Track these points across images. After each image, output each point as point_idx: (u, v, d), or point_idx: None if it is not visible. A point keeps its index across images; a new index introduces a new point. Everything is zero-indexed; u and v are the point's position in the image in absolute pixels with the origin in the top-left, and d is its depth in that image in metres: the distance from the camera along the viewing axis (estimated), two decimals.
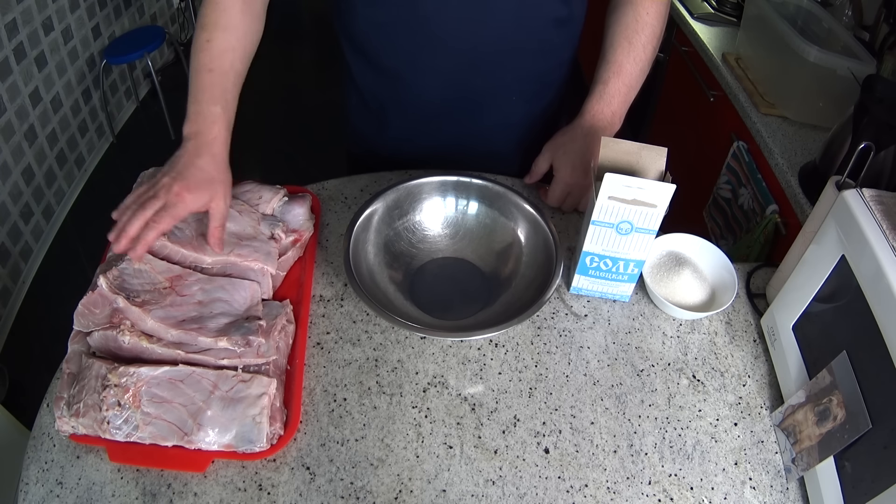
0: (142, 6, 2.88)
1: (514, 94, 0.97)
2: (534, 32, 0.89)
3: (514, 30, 0.88)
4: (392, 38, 0.89)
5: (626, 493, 0.64)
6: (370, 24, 0.89)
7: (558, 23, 0.90)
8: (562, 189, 0.90)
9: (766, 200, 1.27)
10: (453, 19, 0.85)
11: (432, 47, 0.89)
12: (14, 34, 2.02)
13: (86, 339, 0.68)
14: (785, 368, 0.72)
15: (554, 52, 0.95)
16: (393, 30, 0.88)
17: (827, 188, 0.73)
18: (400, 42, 0.89)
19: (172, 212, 0.70)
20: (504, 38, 0.88)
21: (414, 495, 0.63)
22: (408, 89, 0.95)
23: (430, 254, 0.84)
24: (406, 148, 1.04)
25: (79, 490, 0.62)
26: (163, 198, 0.70)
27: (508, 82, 0.95)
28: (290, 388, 0.69)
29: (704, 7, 1.73)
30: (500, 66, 0.92)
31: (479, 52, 0.89)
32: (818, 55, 1.21)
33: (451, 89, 0.94)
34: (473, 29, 0.86)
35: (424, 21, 0.85)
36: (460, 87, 0.94)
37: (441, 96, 0.95)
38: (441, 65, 0.91)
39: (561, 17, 0.90)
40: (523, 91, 0.97)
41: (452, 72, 0.92)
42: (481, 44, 0.88)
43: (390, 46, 0.91)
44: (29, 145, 2.14)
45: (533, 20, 0.88)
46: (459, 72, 0.92)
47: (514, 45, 0.90)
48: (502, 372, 0.73)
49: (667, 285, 0.81)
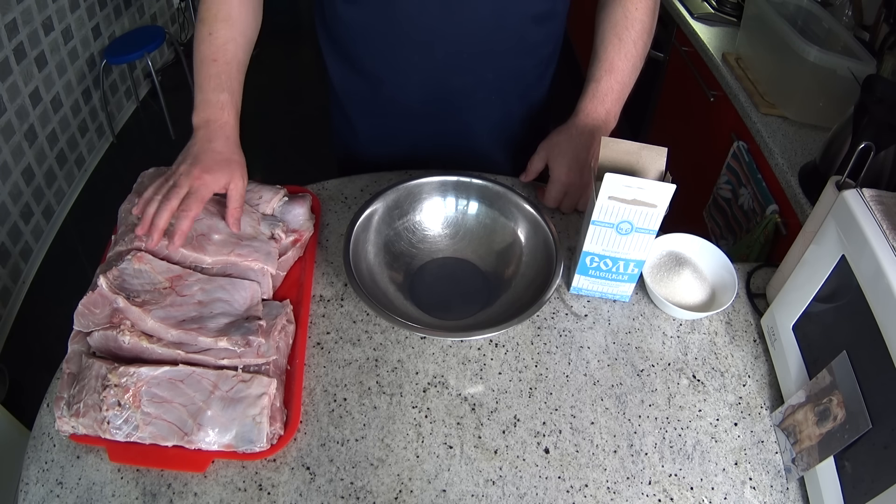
0: (142, 6, 2.88)
1: (493, 93, 0.97)
2: (512, 29, 0.89)
3: (493, 27, 0.88)
4: (371, 36, 0.90)
5: (626, 493, 0.64)
6: (350, 23, 0.90)
7: (537, 19, 0.90)
8: (558, 189, 0.90)
9: (767, 200, 1.27)
10: (432, 17, 0.85)
11: (411, 46, 0.89)
12: (14, 34, 2.02)
13: (86, 339, 0.68)
14: (785, 368, 0.72)
15: (534, 49, 0.95)
16: (372, 29, 0.88)
17: (827, 188, 0.73)
18: (379, 41, 0.90)
19: (197, 196, 0.72)
20: (482, 36, 0.88)
21: (414, 495, 0.63)
22: (387, 89, 0.96)
23: (430, 254, 0.84)
24: (386, 151, 1.04)
25: (79, 490, 0.62)
26: (185, 185, 0.72)
27: (489, 81, 0.95)
28: (290, 388, 0.69)
29: (704, 7, 1.73)
30: (479, 65, 0.92)
31: (458, 50, 0.89)
32: (818, 55, 1.22)
33: (430, 88, 0.94)
34: (452, 27, 0.86)
35: (403, 19, 0.86)
36: (439, 86, 0.94)
37: (420, 96, 0.95)
38: (419, 63, 0.91)
39: (540, 13, 0.89)
40: (503, 90, 0.97)
41: (431, 70, 0.92)
42: (460, 42, 0.88)
43: (369, 46, 0.91)
44: (29, 145, 2.14)
45: (511, 17, 0.88)
46: (438, 70, 0.92)
47: (493, 43, 0.89)
48: (502, 372, 0.73)
49: (667, 285, 0.81)
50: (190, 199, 0.71)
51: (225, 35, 0.80)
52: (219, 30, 0.80)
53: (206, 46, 0.79)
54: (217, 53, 0.79)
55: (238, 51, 0.81)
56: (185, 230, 0.71)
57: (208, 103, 0.78)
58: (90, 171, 2.57)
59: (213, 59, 0.79)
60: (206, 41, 0.79)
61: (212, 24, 0.80)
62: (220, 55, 0.79)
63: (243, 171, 0.78)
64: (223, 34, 0.80)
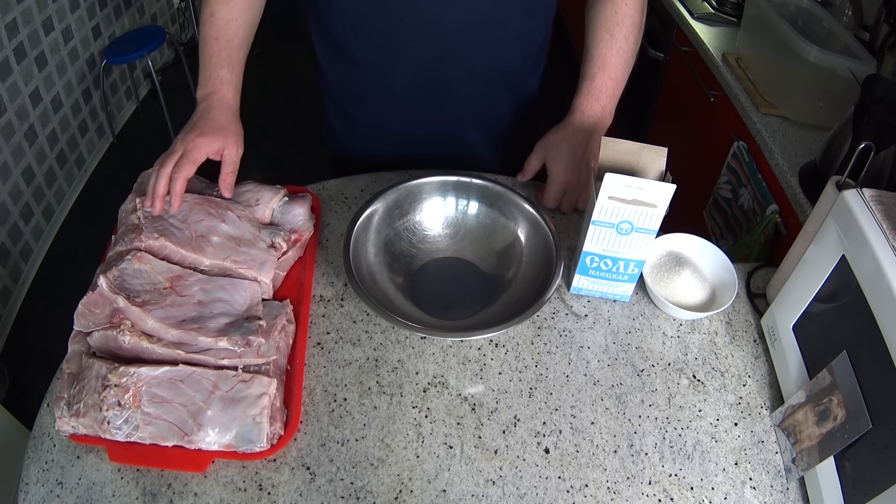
0: (142, 6, 2.88)
1: (481, 83, 0.97)
2: (502, 20, 0.90)
3: (483, 17, 0.88)
4: (363, 24, 0.90)
5: (626, 493, 0.64)
6: (341, 11, 0.91)
7: (527, 10, 0.90)
8: (556, 188, 0.90)
9: (767, 200, 1.27)
10: (425, 4, 0.86)
11: (401, 34, 0.89)
12: (14, 34, 2.02)
13: (86, 339, 0.68)
14: (785, 368, 0.72)
15: (523, 39, 0.95)
16: (365, 18, 0.89)
17: (827, 188, 0.73)
18: (370, 27, 0.90)
19: (189, 157, 0.76)
20: (474, 24, 0.89)
21: (414, 495, 0.63)
22: (376, 78, 0.96)
23: (430, 254, 0.84)
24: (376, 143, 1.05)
25: (79, 490, 0.62)
26: (179, 149, 0.76)
27: (477, 70, 0.95)
28: (290, 388, 0.69)
29: (704, 7, 1.73)
30: (469, 53, 0.92)
31: (448, 39, 0.89)
32: (818, 55, 1.21)
33: (419, 78, 0.95)
34: (444, 14, 0.87)
35: (395, 6, 0.86)
36: (428, 75, 0.94)
37: (409, 85, 0.96)
38: (409, 52, 0.91)
39: (530, 4, 0.90)
40: (491, 80, 0.97)
41: (421, 60, 0.92)
42: (450, 31, 0.89)
43: (360, 34, 0.92)
44: (29, 145, 2.14)
45: (502, 8, 0.88)
46: (428, 60, 0.92)
47: (484, 32, 0.90)
48: (502, 372, 0.73)
49: (667, 285, 0.81)
50: (182, 160, 0.75)
51: (226, 15, 0.85)
52: (220, 10, 0.85)
53: (209, 26, 0.84)
54: (219, 32, 0.84)
55: (239, 29, 0.86)
56: (179, 191, 0.75)
57: (209, 79, 0.83)
58: (90, 171, 2.57)
59: (214, 37, 0.84)
60: (208, 21, 0.85)
61: (213, 6, 0.85)
62: (222, 34, 0.84)
63: (238, 140, 0.81)
64: (224, 14, 0.85)
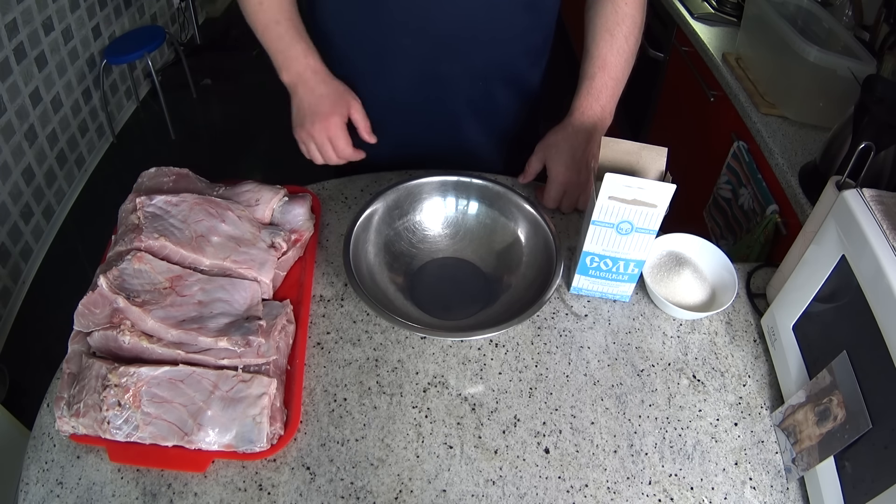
0: (142, 6, 2.88)
1: (480, 80, 0.97)
2: (504, 15, 0.89)
3: (486, 13, 0.88)
4: (360, 23, 0.90)
5: (626, 493, 0.64)
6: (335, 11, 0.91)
7: (528, 6, 0.90)
8: (556, 189, 0.90)
9: (767, 200, 1.27)
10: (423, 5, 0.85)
11: (399, 34, 0.89)
12: (14, 34, 2.02)
13: (86, 339, 0.68)
14: (785, 368, 0.72)
15: (523, 37, 0.95)
16: (362, 16, 0.89)
17: (827, 188, 0.73)
18: (367, 28, 0.90)
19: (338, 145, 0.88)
20: (474, 22, 0.88)
21: (414, 495, 0.63)
22: (375, 79, 0.96)
23: (430, 254, 0.84)
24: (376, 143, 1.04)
25: (79, 490, 0.62)
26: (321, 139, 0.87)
27: (477, 68, 0.95)
28: (290, 388, 0.69)
29: (704, 7, 1.73)
30: (469, 51, 0.92)
31: (447, 36, 0.89)
32: (818, 55, 1.21)
33: (417, 77, 0.94)
34: (444, 12, 0.86)
35: (393, 7, 0.86)
36: (427, 73, 0.94)
37: (409, 85, 0.96)
38: (408, 51, 0.91)
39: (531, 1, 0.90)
40: (490, 77, 0.97)
41: (419, 58, 0.92)
42: (449, 27, 0.88)
43: (357, 33, 0.91)
44: (29, 145, 2.14)
45: (502, 4, 0.88)
46: (426, 59, 0.92)
47: (484, 30, 0.90)
48: (502, 372, 0.73)
49: (667, 285, 0.81)
50: (338, 144, 0.87)
51: None
52: None
53: (264, 14, 0.86)
54: (278, 15, 0.86)
55: (291, 7, 0.88)
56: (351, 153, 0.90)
57: (292, 59, 0.87)
58: (90, 171, 2.57)
59: (276, 21, 0.86)
60: (260, 11, 0.86)
61: None
62: (281, 15, 0.86)
63: (352, 94, 0.90)
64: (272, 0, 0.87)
